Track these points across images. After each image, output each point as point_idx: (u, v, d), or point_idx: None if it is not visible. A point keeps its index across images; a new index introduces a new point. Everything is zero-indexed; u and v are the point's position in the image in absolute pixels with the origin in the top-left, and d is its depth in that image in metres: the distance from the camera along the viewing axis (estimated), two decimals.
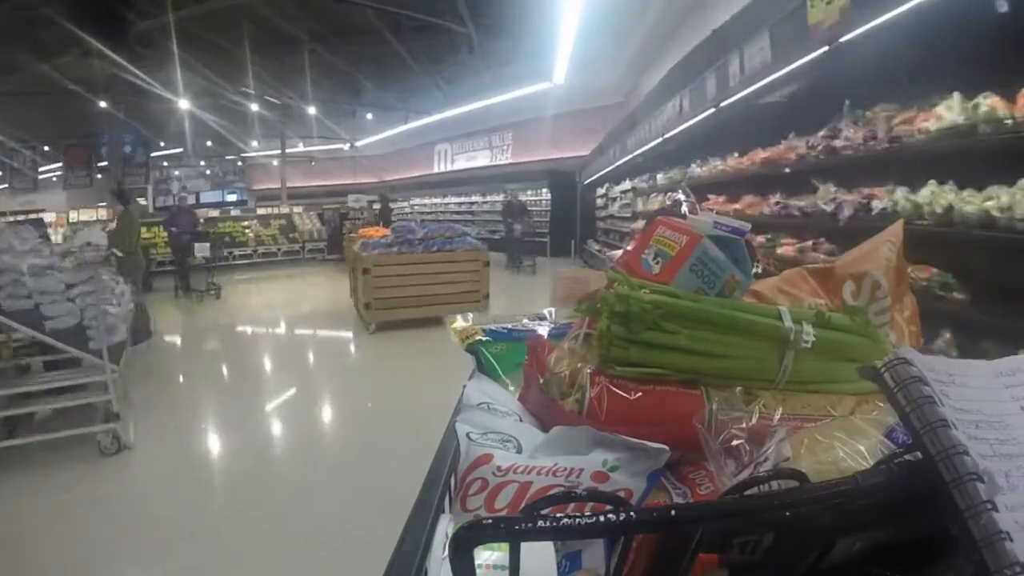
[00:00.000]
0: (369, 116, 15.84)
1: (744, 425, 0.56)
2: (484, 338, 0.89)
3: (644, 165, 8.10)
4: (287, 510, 2.66)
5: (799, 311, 0.67)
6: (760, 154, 4.15)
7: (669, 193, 4.93)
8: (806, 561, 0.44)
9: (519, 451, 0.57)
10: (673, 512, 0.38)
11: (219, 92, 12.32)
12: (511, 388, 0.80)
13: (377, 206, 16.36)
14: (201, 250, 8.94)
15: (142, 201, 16.66)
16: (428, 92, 13.74)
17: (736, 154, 4.71)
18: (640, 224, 6.49)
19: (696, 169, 5.52)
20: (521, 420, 0.67)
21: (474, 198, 18.08)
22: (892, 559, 0.45)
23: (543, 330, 0.91)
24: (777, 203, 3.87)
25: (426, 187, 20.93)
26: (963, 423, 0.38)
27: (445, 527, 0.56)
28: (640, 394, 0.61)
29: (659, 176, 7.17)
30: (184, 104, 11.79)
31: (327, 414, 4.15)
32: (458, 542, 0.34)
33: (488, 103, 14.05)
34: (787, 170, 3.74)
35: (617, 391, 0.61)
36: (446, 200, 19.57)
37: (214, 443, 3.59)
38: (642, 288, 0.64)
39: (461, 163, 19.51)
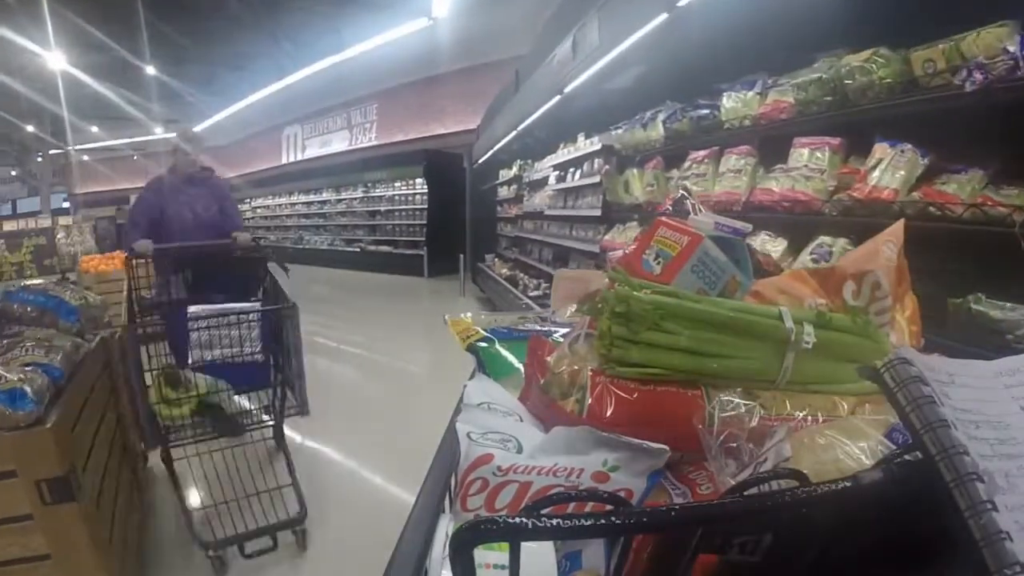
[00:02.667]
0: (154, 70, 11.06)
1: (744, 425, 0.56)
2: (485, 338, 0.89)
3: (614, 105, 3.81)
4: None
5: (800, 311, 0.67)
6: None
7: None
8: (806, 561, 0.44)
9: (519, 451, 0.57)
10: (673, 512, 0.38)
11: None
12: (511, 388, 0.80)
13: None
14: None
15: None
16: (266, 52, 10.45)
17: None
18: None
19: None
20: (521, 420, 0.67)
21: (326, 195, 13.78)
22: (892, 559, 0.45)
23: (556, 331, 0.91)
24: None
25: (271, 183, 16.09)
26: (963, 423, 0.37)
27: (445, 527, 0.57)
28: (640, 394, 0.61)
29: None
30: None
31: None
32: (458, 542, 0.34)
33: (345, 57, 10.35)
34: None
35: (618, 391, 0.61)
36: (292, 199, 15.17)
37: None
38: (643, 288, 0.64)
39: (314, 149, 15.10)
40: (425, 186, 11.00)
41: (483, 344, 0.88)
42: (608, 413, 0.59)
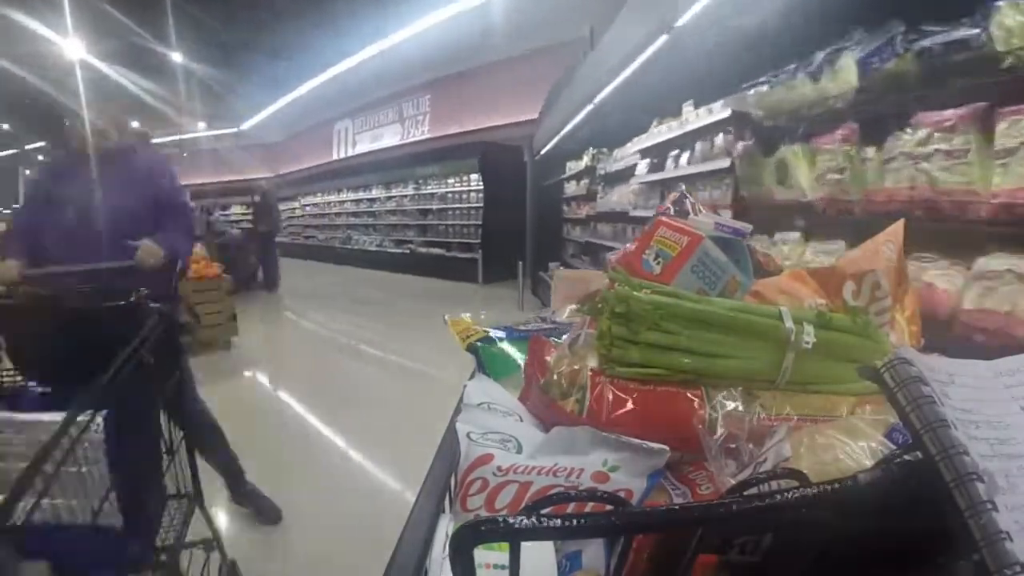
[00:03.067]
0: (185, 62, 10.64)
1: (744, 425, 0.56)
2: (485, 338, 0.89)
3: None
4: None
5: (800, 312, 0.67)
6: None
7: None
8: (806, 561, 0.44)
9: (519, 451, 0.57)
10: (673, 512, 0.38)
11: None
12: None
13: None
14: None
15: None
16: (309, 42, 9.91)
17: None
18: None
19: None
20: (521, 420, 0.68)
21: (375, 192, 13.01)
22: (892, 559, 0.45)
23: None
24: None
25: (319, 180, 15.66)
26: (963, 423, 0.37)
27: (445, 527, 0.57)
28: (640, 394, 0.61)
29: None
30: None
31: None
32: (458, 542, 0.34)
33: (395, 41, 9.52)
34: None
35: (618, 391, 0.61)
36: (341, 197, 14.54)
37: None
38: (643, 288, 0.64)
39: (365, 144, 14.43)
40: (481, 182, 9.82)
41: (483, 344, 0.88)
42: (608, 413, 0.59)
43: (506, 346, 0.87)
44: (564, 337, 0.77)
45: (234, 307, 5.37)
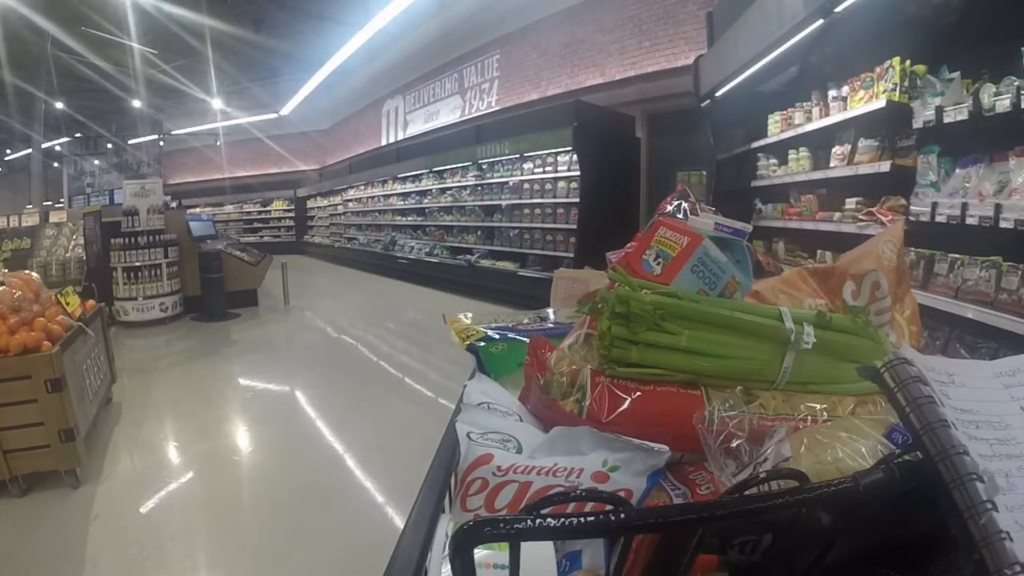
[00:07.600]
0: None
1: (744, 425, 0.56)
2: (485, 338, 0.89)
3: None
4: None
5: (800, 312, 0.67)
6: None
7: None
8: (806, 561, 0.44)
9: (519, 451, 0.57)
10: (673, 512, 0.38)
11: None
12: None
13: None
14: None
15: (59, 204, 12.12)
16: None
17: None
18: None
19: None
20: (521, 420, 0.67)
21: (425, 183, 9.82)
22: (892, 558, 0.45)
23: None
24: None
25: (361, 171, 13.11)
26: (963, 423, 0.37)
27: (445, 527, 0.57)
28: (640, 394, 0.61)
29: None
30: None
31: None
32: (458, 542, 0.34)
33: None
34: None
35: (618, 391, 0.61)
36: (386, 190, 11.55)
37: None
38: (643, 289, 0.64)
39: (418, 125, 12.02)
40: (576, 167, 6.42)
41: (483, 344, 0.88)
42: (608, 413, 0.59)
43: (506, 346, 0.87)
44: (564, 336, 0.77)
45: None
